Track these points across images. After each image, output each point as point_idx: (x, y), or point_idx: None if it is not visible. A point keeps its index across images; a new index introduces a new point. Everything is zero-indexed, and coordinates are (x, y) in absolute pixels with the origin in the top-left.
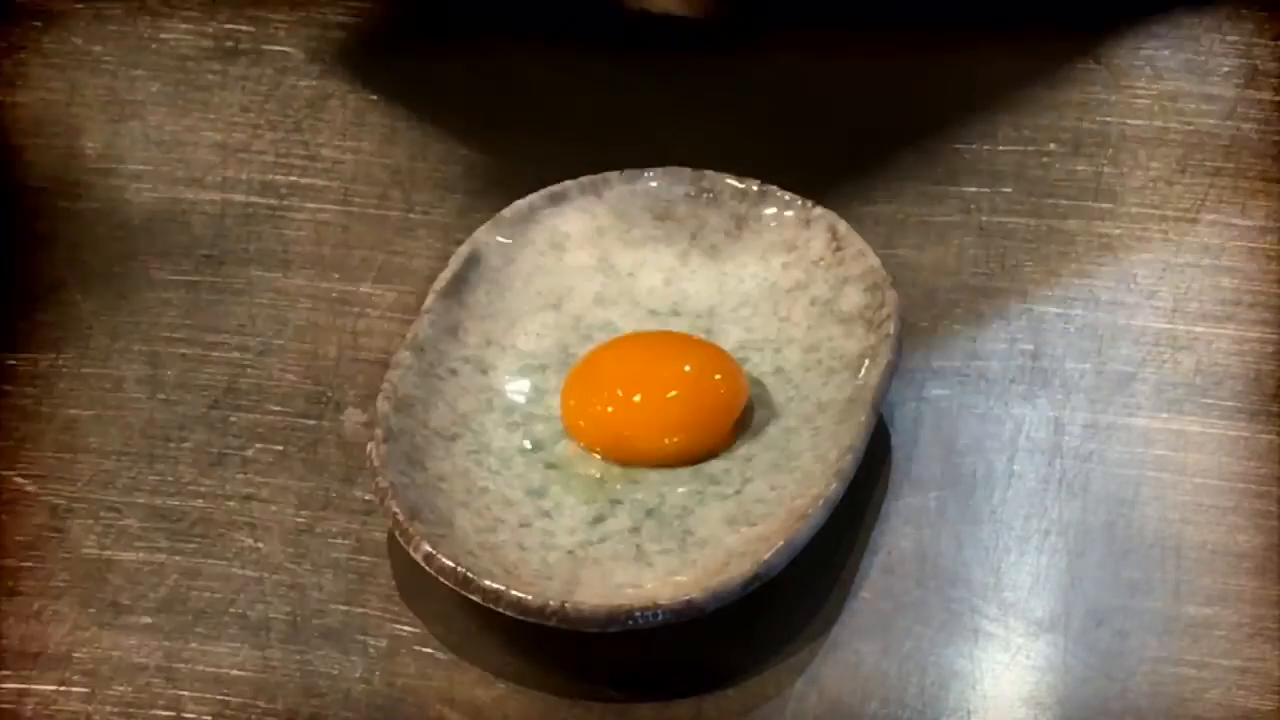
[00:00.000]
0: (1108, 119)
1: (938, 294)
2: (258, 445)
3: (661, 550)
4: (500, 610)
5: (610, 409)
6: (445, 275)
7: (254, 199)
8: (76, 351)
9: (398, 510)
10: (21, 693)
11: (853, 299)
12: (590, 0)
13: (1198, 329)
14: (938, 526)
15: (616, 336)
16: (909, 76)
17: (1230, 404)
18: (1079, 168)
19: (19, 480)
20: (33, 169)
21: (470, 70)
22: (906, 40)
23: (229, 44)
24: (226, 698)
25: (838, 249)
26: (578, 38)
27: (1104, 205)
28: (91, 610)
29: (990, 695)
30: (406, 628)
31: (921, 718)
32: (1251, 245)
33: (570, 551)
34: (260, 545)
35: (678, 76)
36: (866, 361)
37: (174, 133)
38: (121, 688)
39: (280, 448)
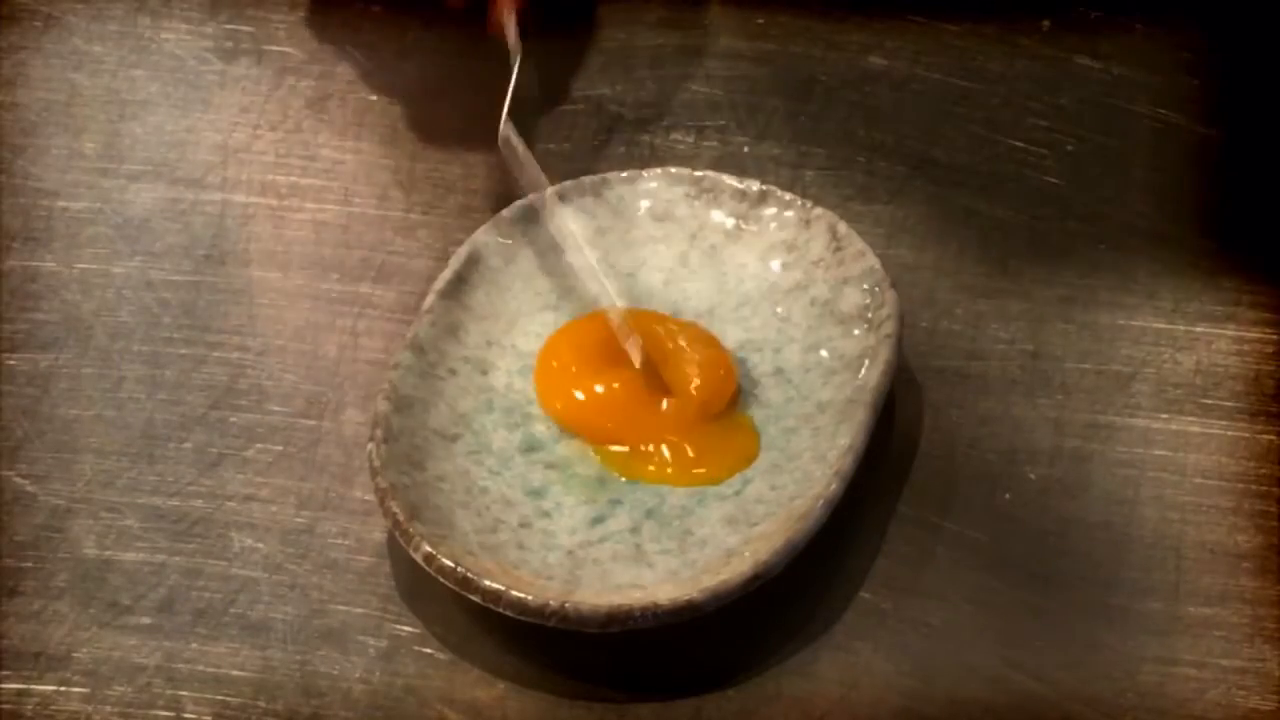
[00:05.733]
0: (1107, 119)
1: (938, 294)
2: (258, 445)
3: (661, 550)
4: (500, 610)
5: (580, 393)
6: (445, 275)
7: (254, 199)
8: (76, 351)
9: (398, 510)
10: (21, 693)
11: (852, 299)
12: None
13: (1198, 329)
14: (938, 526)
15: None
16: (909, 76)
17: (1230, 404)
18: (1079, 168)
19: (19, 480)
20: (33, 169)
21: (470, 70)
22: (906, 39)
23: (229, 44)
24: (226, 698)
25: (838, 249)
26: (577, 38)
27: (1104, 205)
28: (91, 610)
29: (990, 695)
30: (406, 628)
31: (921, 717)
32: (1251, 245)
33: (570, 551)
34: (260, 545)
35: (678, 77)
36: (866, 361)
37: (174, 133)
38: (121, 688)
39: (280, 448)
